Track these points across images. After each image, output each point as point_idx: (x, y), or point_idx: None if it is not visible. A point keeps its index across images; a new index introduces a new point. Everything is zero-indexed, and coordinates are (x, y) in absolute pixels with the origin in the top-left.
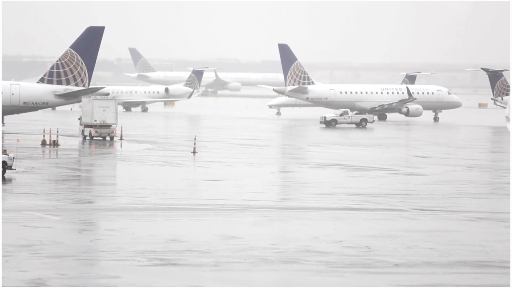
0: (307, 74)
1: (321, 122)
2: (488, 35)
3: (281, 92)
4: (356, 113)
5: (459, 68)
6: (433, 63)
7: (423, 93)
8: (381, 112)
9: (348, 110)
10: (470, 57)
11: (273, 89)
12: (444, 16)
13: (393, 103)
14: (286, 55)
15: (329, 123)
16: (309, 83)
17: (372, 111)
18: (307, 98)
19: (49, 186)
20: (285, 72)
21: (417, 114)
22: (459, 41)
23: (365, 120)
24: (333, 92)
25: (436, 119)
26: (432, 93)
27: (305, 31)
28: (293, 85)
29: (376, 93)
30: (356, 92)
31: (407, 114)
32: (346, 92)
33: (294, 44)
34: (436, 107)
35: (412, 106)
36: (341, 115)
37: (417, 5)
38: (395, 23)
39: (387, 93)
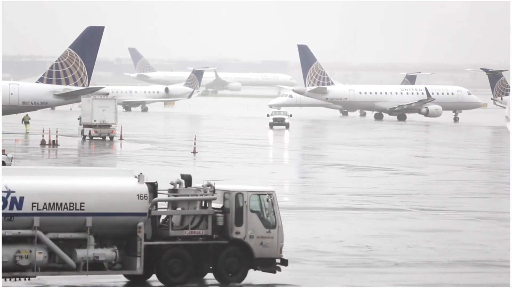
0: (326, 75)
1: (274, 124)
2: (488, 35)
3: (300, 93)
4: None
5: (459, 68)
6: (433, 63)
7: (442, 93)
8: (400, 113)
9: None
10: (469, 57)
11: (293, 90)
12: (444, 16)
13: (412, 103)
14: (306, 56)
15: (287, 125)
16: (328, 84)
17: (392, 111)
18: (327, 99)
19: None
20: (305, 73)
21: (436, 115)
22: (459, 41)
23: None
24: (353, 93)
25: (456, 119)
26: (452, 93)
27: (305, 31)
28: (313, 85)
29: (396, 93)
30: (376, 93)
31: (426, 114)
32: (365, 93)
33: (293, 44)
34: (456, 107)
35: (432, 107)
36: (290, 116)
37: (417, 5)
38: (395, 23)
39: (407, 93)
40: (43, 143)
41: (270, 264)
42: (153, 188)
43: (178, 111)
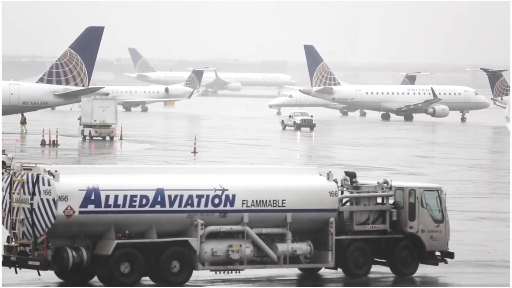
0: (333, 75)
1: (301, 125)
2: (487, 35)
3: (306, 93)
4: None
5: (459, 68)
6: (433, 63)
7: (450, 93)
8: (407, 113)
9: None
10: (469, 57)
11: (299, 90)
12: (443, 17)
13: (418, 103)
14: (312, 56)
15: (313, 127)
16: (335, 84)
17: (398, 111)
18: (333, 99)
19: None
20: (311, 73)
21: (443, 115)
22: (459, 41)
23: None
24: (359, 93)
25: (463, 119)
26: (459, 93)
27: (305, 31)
28: (319, 85)
29: (403, 93)
30: (383, 93)
31: (433, 114)
32: (372, 93)
33: (293, 44)
34: (463, 107)
35: (439, 107)
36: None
37: (416, 5)
38: (394, 23)
39: (414, 93)
40: (43, 143)
41: (433, 257)
42: None
43: (178, 111)
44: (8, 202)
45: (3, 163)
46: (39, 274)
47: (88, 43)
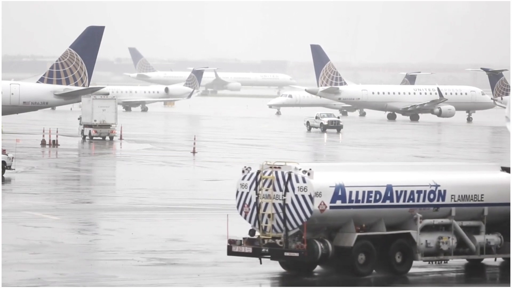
0: (339, 75)
1: (328, 127)
2: (487, 35)
3: (313, 93)
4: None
5: (459, 68)
6: (433, 63)
7: (456, 93)
8: (413, 113)
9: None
10: (469, 57)
11: (305, 90)
12: (443, 16)
13: (424, 103)
14: (319, 56)
15: (340, 128)
16: (341, 84)
17: (404, 111)
18: (339, 99)
19: (49, 186)
20: (317, 73)
21: (449, 115)
22: (459, 41)
23: None
24: (366, 93)
25: (469, 119)
26: (466, 93)
27: (305, 31)
28: (325, 85)
29: (409, 93)
30: (389, 93)
31: (439, 114)
32: (378, 93)
33: (293, 44)
34: (469, 107)
35: (445, 107)
36: (338, 118)
37: (416, 4)
38: (394, 23)
39: (420, 93)
40: (43, 143)
41: None
42: None
43: (178, 111)
44: (255, 198)
45: (3, 163)
46: (288, 267)
47: (89, 43)
